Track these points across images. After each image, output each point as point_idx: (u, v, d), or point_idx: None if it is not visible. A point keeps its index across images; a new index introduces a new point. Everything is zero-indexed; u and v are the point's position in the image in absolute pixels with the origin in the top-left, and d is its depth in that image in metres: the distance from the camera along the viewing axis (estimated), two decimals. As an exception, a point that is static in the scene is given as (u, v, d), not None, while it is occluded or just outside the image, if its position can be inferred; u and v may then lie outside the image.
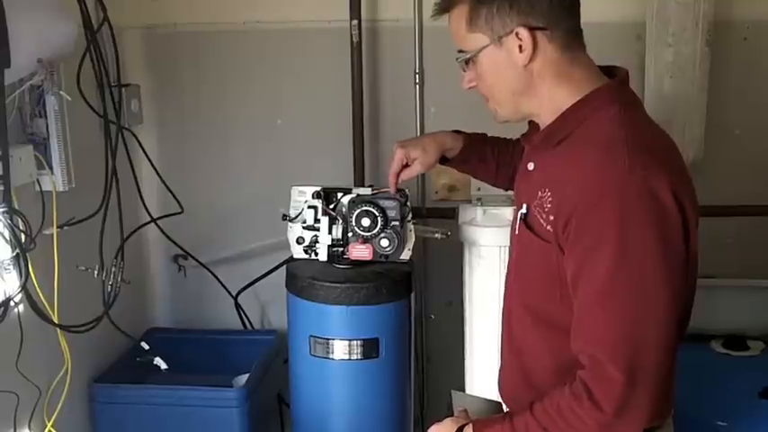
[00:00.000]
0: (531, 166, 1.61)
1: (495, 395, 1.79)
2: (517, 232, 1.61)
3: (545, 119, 1.56)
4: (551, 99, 1.53)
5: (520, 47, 1.48)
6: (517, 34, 1.47)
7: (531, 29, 1.47)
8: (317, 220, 2.31)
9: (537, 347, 1.62)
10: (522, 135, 1.74)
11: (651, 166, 1.38)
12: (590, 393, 1.40)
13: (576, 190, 1.42)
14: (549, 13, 1.48)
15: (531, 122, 1.70)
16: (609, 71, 1.57)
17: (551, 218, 1.47)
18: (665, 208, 1.37)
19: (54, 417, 2.23)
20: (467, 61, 1.57)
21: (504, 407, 1.78)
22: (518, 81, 1.52)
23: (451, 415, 1.68)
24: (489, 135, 2.08)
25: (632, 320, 1.39)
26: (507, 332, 1.73)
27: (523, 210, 1.58)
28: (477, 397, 1.88)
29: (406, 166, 2.08)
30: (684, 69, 2.53)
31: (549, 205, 1.49)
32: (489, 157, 2.05)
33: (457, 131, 2.08)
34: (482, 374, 2.37)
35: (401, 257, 2.30)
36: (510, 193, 2.07)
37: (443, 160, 2.09)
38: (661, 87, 2.56)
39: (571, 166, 1.46)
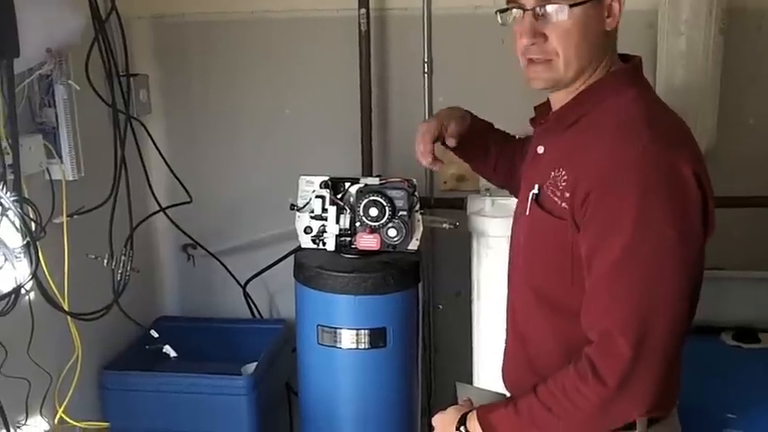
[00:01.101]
0: (540, 150, 1.61)
1: (502, 386, 1.79)
2: (528, 213, 1.59)
3: (562, 96, 1.56)
4: (597, 68, 1.53)
5: (610, 9, 1.48)
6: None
7: None
8: (324, 210, 2.31)
9: (541, 331, 1.61)
10: (530, 119, 1.71)
11: (672, 144, 1.40)
12: (594, 369, 1.40)
13: (595, 164, 1.42)
14: None
15: (536, 107, 1.70)
16: (622, 57, 1.58)
17: (567, 194, 1.47)
18: (686, 184, 1.38)
19: (65, 403, 2.25)
20: (541, 15, 1.48)
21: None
22: (600, 45, 1.51)
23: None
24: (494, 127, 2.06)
25: (646, 295, 1.39)
26: (511, 320, 1.73)
27: (535, 190, 1.56)
28: (482, 389, 1.88)
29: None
30: (697, 58, 2.51)
31: (563, 183, 1.48)
32: (491, 149, 2.01)
33: (471, 114, 2.03)
34: (489, 365, 2.37)
35: (409, 247, 2.30)
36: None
37: (445, 145, 2.02)
38: (673, 76, 2.54)
39: (589, 144, 1.46)
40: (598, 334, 1.42)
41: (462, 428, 1.58)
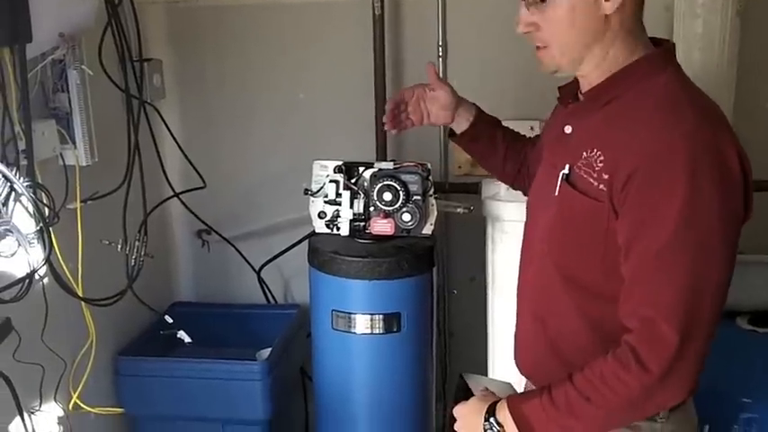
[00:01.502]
0: (568, 129, 1.58)
1: (507, 378, 1.78)
2: (557, 193, 1.55)
3: (593, 78, 1.53)
4: (613, 56, 1.50)
5: None
6: None
7: None
8: (338, 195, 2.30)
9: (565, 312, 1.58)
10: (558, 98, 1.69)
11: (717, 127, 1.40)
12: (637, 356, 1.38)
13: (639, 146, 1.39)
14: None
15: (560, 87, 1.67)
16: (652, 41, 1.55)
17: (605, 176, 1.44)
18: (731, 169, 1.37)
19: (79, 389, 2.26)
20: (532, 4, 1.49)
21: (523, 382, 1.77)
22: (595, 30, 1.48)
23: (461, 399, 1.66)
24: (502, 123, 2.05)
25: (692, 282, 1.37)
26: (528, 302, 1.70)
27: (565, 170, 1.53)
28: (492, 379, 1.86)
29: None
30: (714, 41, 2.48)
31: (600, 164, 1.45)
32: (499, 144, 2.00)
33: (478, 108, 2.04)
34: (504, 349, 2.35)
35: (423, 232, 2.29)
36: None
37: (452, 135, 2.05)
38: (690, 59, 2.50)
39: (627, 126, 1.44)
40: (640, 321, 1.39)
41: (492, 419, 1.53)
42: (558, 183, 1.55)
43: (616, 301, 1.45)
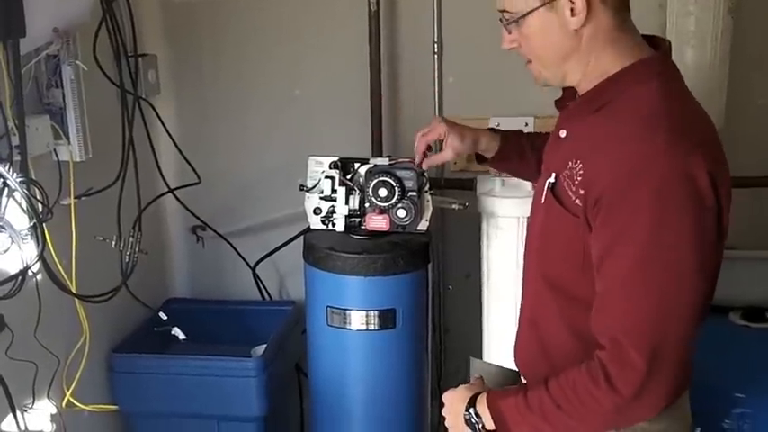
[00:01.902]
0: (563, 134, 1.59)
1: (512, 366, 1.79)
2: (543, 201, 1.58)
3: (585, 85, 1.53)
4: (597, 65, 1.49)
5: (572, 10, 1.44)
6: None
7: None
8: (334, 191, 2.30)
9: (553, 317, 1.60)
10: (555, 101, 1.69)
11: (690, 148, 1.36)
12: (608, 375, 1.39)
13: (610, 167, 1.39)
14: None
15: (564, 89, 1.67)
16: (649, 40, 1.54)
17: (581, 192, 1.44)
18: (702, 193, 1.34)
19: (73, 386, 2.26)
20: (507, 24, 1.53)
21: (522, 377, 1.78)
22: (567, 45, 1.49)
23: (468, 382, 1.68)
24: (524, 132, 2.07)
25: (660, 307, 1.37)
26: (524, 303, 1.72)
27: (551, 179, 1.55)
28: (496, 365, 1.88)
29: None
30: (706, 38, 2.49)
31: (579, 178, 1.45)
32: (529, 153, 2.00)
33: (492, 130, 2.05)
34: (499, 346, 2.37)
35: (418, 228, 2.29)
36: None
37: (481, 159, 2.08)
38: (682, 56, 2.51)
39: (606, 140, 1.43)
40: (609, 342, 1.40)
41: (471, 410, 1.57)
42: (544, 192, 1.56)
43: None
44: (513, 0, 1.50)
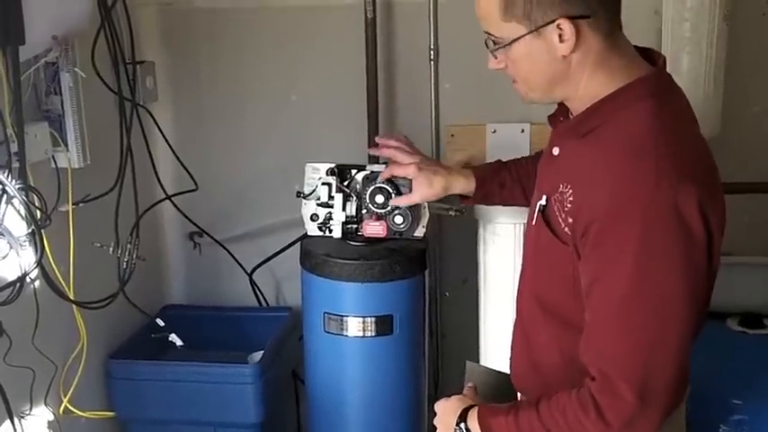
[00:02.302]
0: (556, 151, 1.55)
1: (508, 370, 1.79)
2: (534, 223, 1.56)
3: (576, 105, 1.49)
4: (588, 88, 1.45)
5: (560, 36, 1.38)
6: (558, 26, 1.37)
7: (574, 18, 1.37)
8: (330, 197, 2.30)
9: (546, 341, 1.59)
10: (549, 117, 1.65)
11: (679, 179, 1.32)
12: (598, 406, 1.37)
13: (598, 197, 1.36)
14: None
15: (558, 103, 1.64)
16: (645, 52, 1.50)
17: (570, 220, 1.43)
18: (691, 228, 1.32)
19: (70, 392, 2.26)
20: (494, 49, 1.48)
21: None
22: (556, 71, 1.44)
23: (462, 387, 1.68)
24: (504, 160, 2.05)
25: (648, 340, 1.36)
26: (518, 319, 1.71)
27: (542, 201, 1.53)
28: (491, 369, 1.88)
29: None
30: (701, 45, 2.50)
31: (569, 205, 1.43)
32: (509, 182, 1.99)
33: (474, 167, 2.05)
34: (496, 352, 2.37)
35: (415, 234, 2.29)
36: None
37: (463, 197, 2.07)
38: (678, 63, 2.52)
39: (596, 167, 1.40)
40: (598, 373, 1.39)
41: (462, 425, 1.56)
42: (536, 215, 1.55)
43: None
44: (499, 26, 1.44)
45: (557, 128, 1.60)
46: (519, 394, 1.75)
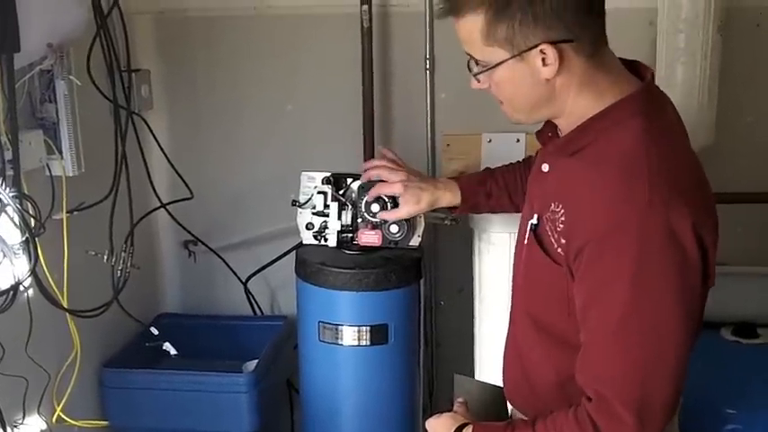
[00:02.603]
0: (545, 168, 1.54)
1: (500, 383, 1.79)
2: (526, 242, 1.55)
3: (564, 124, 1.49)
4: (574, 107, 1.44)
5: (543, 60, 1.37)
6: (541, 50, 1.36)
7: (557, 42, 1.35)
8: (326, 206, 2.30)
9: (540, 358, 1.59)
10: (536, 133, 1.65)
11: (673, 201, 1.31)
12: (596, 428, 1.37)
13: (592, 218, 1.36)
14: (575, 22, 1.35)
15: (537, 132, 1.64)
16: (631, 65, 1.49)
17: (563, 241, 1.42)
18: (686, 249, 1.31)
19: (63, 401, 2.25)
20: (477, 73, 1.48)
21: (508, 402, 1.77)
22: (540, 93, 1.43)
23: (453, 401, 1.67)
24: (492, 167, 2.07)
25: (644, 363, 1.35)
26: (512, 335, 1.70)
27: (534, 220, 1.52)
28: (480, 382, 1.87)
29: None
30: (696, 56, 2.51)
31: (561, 225, 1.42)
32: (496, 192, 2.01)
33: (461, 179, 2.07)
34: (491, 361, 2.36)
35: (411, 243, 2.29)
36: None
37: (452, 208, 2.08)
38: (673, 74, 2.53)
39: (586, 188, 1.39)
40: (595, 395, 1.39)
41: None
42: (527, 234, 1.54)
43: None
44: (482, 50, 1.42)
45: (546, 145, 1.59)
46: (510, 407, 1.75)
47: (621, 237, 1.32)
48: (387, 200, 2.21)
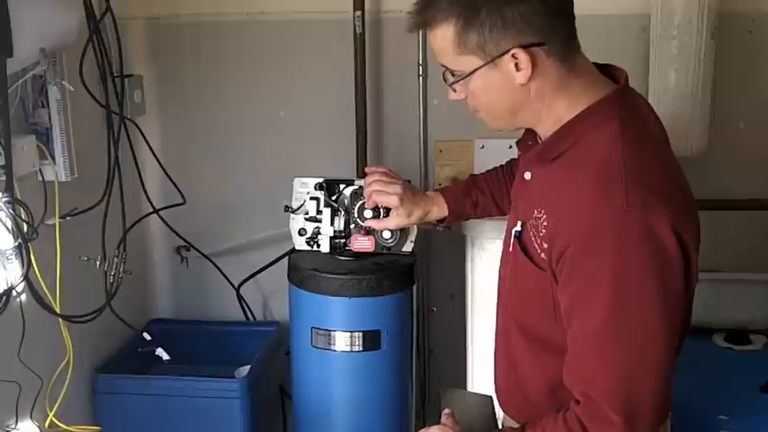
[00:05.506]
0: (527, 176, 1.55)
1: (491, 390, 1.79)
2: (510, 249, 1.56)
3: (543, 130, 1.50)
4: (550, 112, 1.45)
5: (516, 65, 1.38)
6: (513, 55, 1.37)
7: (528, 47, 1.37)
8: (319, 212, 2.30)
9: (530, 365, 1.59)
10: (517, 142, 1.66)
11: (650, 202, 1.32)
12: (585, 430, 1.38)
13: (571, 223, 1.37)
14: (544, 26, 1.37)
15: (518, 141, 1.65)
16: (606, 68, 1.50)
17: (545, 245, 1.43)
18: (666, 249, 1.32)
19: (56, 407, 2.23)
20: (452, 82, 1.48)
21: (498, 408, 1.77)
22: (515, 99, 1.44)
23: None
24: (476, 174, 2.08)
25: (628, 364, 1.36)
26: (501, 343, 1.70)
27: (518, 227, 1.53)
28: (470, 392, 1.87)
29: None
30: (689, 62, 2.52)
31: (543, 231, 1.44)
32: (482, 200, 2.02)
33: (447, 191, 2.07)
34: (484, 367, 2.37)
35: (403, 249, 2.29)
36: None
37: (440, 220, 2.09)
38: (665, 80, 2.54)
39: (566, 192, 1.40)
40: (583, 397, 1.39)
41: None
42: (512, 240, 1.55)
43: None
44: (455, 59, 1.43)
45: (525, 153, 1.59)
46: (502, 414, 1.75)
47: (601, 239, 1.33)
48: (381, 209, 2.21)
